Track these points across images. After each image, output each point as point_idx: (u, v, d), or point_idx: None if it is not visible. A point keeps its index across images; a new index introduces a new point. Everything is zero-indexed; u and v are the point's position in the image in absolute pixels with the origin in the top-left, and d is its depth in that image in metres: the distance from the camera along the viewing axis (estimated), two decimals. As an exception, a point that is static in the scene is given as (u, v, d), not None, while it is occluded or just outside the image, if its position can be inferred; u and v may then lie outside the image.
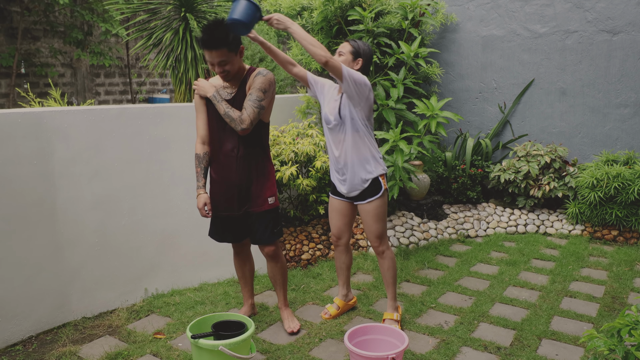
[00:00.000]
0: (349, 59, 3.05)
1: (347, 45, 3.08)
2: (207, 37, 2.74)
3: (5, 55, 7.34)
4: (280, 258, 3.21)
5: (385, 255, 3.21)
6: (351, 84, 2.90)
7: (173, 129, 3.63)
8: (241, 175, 3.00)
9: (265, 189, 3.05)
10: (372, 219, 3.14)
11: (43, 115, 3.10)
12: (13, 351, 3.00)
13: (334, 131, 3.09)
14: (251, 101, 2.87)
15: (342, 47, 3.08)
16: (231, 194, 3.02)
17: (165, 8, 5.55)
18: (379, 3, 5.10)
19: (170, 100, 9.94)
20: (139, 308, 3.52)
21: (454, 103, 6.12)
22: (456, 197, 5.61)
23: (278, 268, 3.22)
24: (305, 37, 2.81)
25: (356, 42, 3.08)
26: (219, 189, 3.06)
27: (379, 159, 3.12)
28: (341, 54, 3.06)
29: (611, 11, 5.31)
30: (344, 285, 3.45)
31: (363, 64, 3.08)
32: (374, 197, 3.10)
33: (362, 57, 3.06)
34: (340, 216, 3.29)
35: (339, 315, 3.42)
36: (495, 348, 3.04)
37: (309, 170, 4.53)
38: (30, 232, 3.08)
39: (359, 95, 2.95)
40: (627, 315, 2.00)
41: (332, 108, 3.09)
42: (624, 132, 5.42)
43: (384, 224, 3.18)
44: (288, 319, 3.27)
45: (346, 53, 3.05)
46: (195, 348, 2.58)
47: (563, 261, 4.40)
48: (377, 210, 3.12)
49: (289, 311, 3.31)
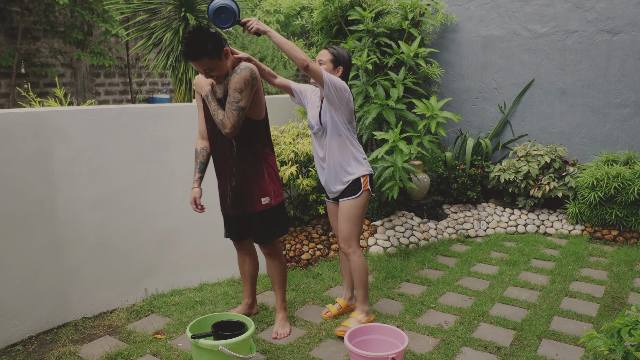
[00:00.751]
0: (329, 68, 3.05)
1: (327, 53, 3.07)
2: (186, 49, 2.66)
3: (5, 55, 7.34)
4: (278, 258, 3.18)
5: (351, 258, 3.14)
6: (332, 88, 2.91)
7: (173, 129, 3.63)
8: (234, 175, 2.98)
9: (256, 189, 2.98)
10: (342, 217, 3.10)
11: (43, 115, 3.10)
12: (13, 351, 3.00)
13: (317, 136, 3.14)
14: (229, 104, 2.79)
15: (322, 54, 3.08)
16: (226, 193, 3.05)
17: (165, 8, 5.55)
18: (379, 3, 5.10)
19: (170, 100, 9.94)
20: (139, 308, 3.52)
21: (454, 103, 6.12)
22: (456, 197, 5.61)
23: (275, 267, 3.18)
24: (284, 42, 2.79)
25: (335, 50, 3.08)
26: (219, 187, 3.10)
27: (361, 160, 3.13)
28: (321, 62, 3.05)
29: (611, 11, 5.31)
30: (348, 289, 3.45)
31: (343, 71, 3.10)
32: (350, 196, 3.09)
33: (342, 65, 3.07)
34: (335, 218, 3.31)
35: (340, 315, 3.42)
36: (495, 348, 3.04)
37: (309, 170, 4.53)
38: (30, 232, 3.08)
39: (340, 100, 2.97)
40: (627, 315, 2.00)
41: (314, 114, 3.13)
42: (624, 132, 5.42)
43: (355, 227, 3.10)
44: (278, 324, 3.21)
45: (326, 62, 3.05)
46: (195, 348, 2.58)
47: (563, 261, 4.40)
48: (350, 210, 3.08)
49: (283, 315, 3.24)
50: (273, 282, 3.23)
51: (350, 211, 3.09)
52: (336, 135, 3.06)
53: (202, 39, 2.66)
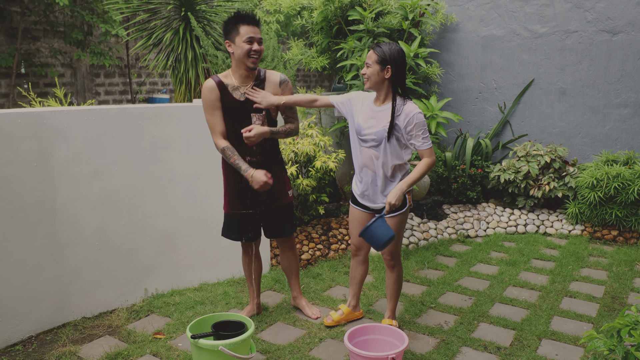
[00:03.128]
0: (376, 70, 2.83)
1: (372, 54, 2.84)
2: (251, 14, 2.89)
3: (5, 55, 7.34)
4: (295, 248, 3.40)
5: (395, 269, 3.14)
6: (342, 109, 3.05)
7: (173, 129, 3.63)
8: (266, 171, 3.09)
9: (285, 183, 3.20)
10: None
11: (43, 115, 3.10)
12: (13, 351, 3.00)
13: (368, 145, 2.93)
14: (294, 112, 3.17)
15: (368, 57, 2.87)
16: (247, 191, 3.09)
17: (165, 8, 5.55)
18: (379, 3, 5.10)
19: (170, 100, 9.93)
20: (138, 308, 3.52)
21: (453, 103, 6.12)
22: (456, 197, 5.61)
23: (294, 257, 3.40)
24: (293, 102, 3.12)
25: (381, 48, 2.83)
26: (238, 187, 3.10)
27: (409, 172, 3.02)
28: (368, 65, 2.85)
29: (611, 11, 5.31)
30: (354, 297, 3.34)
31: (394, 71, 2.83)
32: (399, 211, 2.98)
33: (390, 64, 2.81)
34: (360, 226, 3.10)
35: (341, 322, 3.32)
36: (495, 348, 3.04)
37: (309, 170, 4.53)
38: (30, 232, 3.08)
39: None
40: (627, 316, 2.00)
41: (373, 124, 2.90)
42: (623, 132, 5.42)
43: (401, 240, 3.09)
44: (308, 306, 3.43)
45: (372, 64, 2.84)
46: (195, 348, 2.58)
47: (563, 261, 4.40)
48: (399, 226, 3.01)
49: (306, 299, 3.50)
50: (291, 272, 3.42)
51: (398, 226, 3.00)
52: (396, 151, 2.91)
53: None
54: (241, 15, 2.89)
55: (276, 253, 4.28)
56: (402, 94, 2.92)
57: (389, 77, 2.85)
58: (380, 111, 2.91)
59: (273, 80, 3.08)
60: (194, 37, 5.36)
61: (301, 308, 3.45)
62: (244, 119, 3.01)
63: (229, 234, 3.24)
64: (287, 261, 3.40)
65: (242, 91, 3.00)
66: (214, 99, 2.97)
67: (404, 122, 2.84)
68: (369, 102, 2.98)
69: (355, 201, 3.13)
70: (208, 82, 2.99)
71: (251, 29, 2.89)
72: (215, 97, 2.97)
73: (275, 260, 4.23)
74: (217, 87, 2.97)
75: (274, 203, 3.16)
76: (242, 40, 2.89)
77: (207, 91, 2.97)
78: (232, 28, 2.91)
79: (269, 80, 3.07)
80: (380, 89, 2.90)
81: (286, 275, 3.49)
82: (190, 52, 5.33)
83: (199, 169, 3.75)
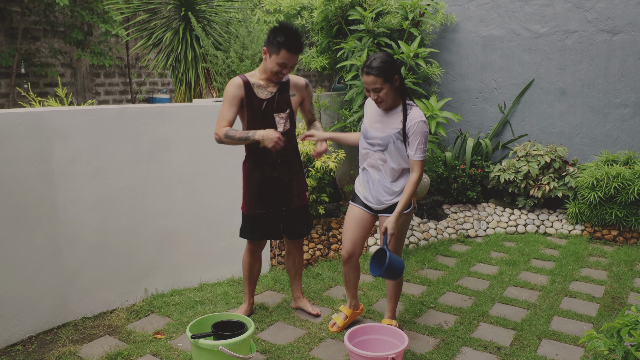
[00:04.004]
0: (387, 88, 2.76)
1: (375, 78, 2.74)
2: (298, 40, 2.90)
3: (5, 55, 7.34)
4: (303, 249, 3.51)
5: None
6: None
7: (173, 129, 3.63)
8: (286, 172, 3.14)
9: (304, 184, 3.26)
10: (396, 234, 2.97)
11: (43, 115, 3.09)
12: (13, 351, 3.00)
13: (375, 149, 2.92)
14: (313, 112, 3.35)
15: (372, 82, 2.76)
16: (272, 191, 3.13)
17: (165, 8, 5.55)
18: (379, 3, 5.10)
19: (170, 100, 9.93)
20: (138, 308, 3.52)
21: (453, 103, 6.12)
22: (456, 197, 5.61)
23: (300, 258, 3.45)
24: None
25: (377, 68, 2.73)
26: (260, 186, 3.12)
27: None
28: (378, 89, 2.76)
29: (611, 11, 5.31)
30: (353, 297, 3.29)
31: (399, 74, 2.81)
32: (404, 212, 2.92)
33: (396, 73, 2.78)
34: (359, 227, 3.04)
35: (347, 326, 3.27)
36: (495, 348, 3.04)
37: (309, 170, 4.53)
38: (30, 232, 3.08)
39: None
40: (627, 315, 2.00)
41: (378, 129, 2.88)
42: (623, 132, 5.42)
43: (402, 241, 3.06)
44: (310, 304, 3.48)
45: (381, 85, 2.75)
46: (195, 348, 2.58)
47: (563, 261, 4.40)
48: (403, 227, 2.98)
49: (307, 300, 3.55)
50: (297, 272, 3.47)
51: (403, 227, 2.98)
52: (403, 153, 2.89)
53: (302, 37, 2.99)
54: (289, 40, 2.85)
55: (276, 253, 4.28)
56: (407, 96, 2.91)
57: (398, 85, 2.83)
58: (387, 116, 2.89)
59: (299, 84, 3.16)
60: (194, 37, 5.36)
61: (303, 307, 3.47)
62: (267, 118, 3.05)
63: (250, 234, 3.22)
64: (292, 262, 3.43)
65: (268, 90, 3.05)
66: (236, 96, 2.99)
67: (407, 126, 2.83)
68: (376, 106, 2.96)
69: (356, 200, 3.09)
70: (236, 79, 3.01)
71: (290, 57, 2.90)
72: (239, 95, 2.99)
73: (276, 260, 4.23)
74: (244, 86, 3.00)
75: (294, 203, 3.19)
76: (276, 62, 2.92)
77: (233, 87, 2.99)
78: (275, 44, 2.88)
79: (294, 84, 3.14)
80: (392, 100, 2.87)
81: (289, 276, 3.49)
82: (190, 52, 5.33)
83: (199, 169, 3.75)
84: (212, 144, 3.75)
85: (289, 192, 3.17)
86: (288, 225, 3.26)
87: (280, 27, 2.90)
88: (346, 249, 3.08)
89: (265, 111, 3.04)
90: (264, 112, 3.04)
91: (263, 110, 3.03)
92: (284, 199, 3.17)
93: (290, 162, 3.15)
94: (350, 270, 3.17)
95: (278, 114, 3.07)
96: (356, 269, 3.19)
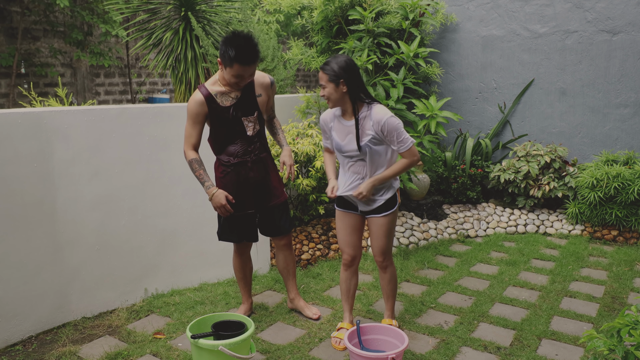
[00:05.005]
0: (332, 88, 2.79)
1: (322, 74, 2.81)
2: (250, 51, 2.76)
3: (5, 55, 7.34)
4: (291, 247, 3.38)
5: (388, 270, 3.11)
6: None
7: (173, 129, 3.63)
8: (259, 171, 3.11)
9: (278, 182, 3.21)
10: (383, 233, 2.99)
11: (43, 115, 3.10)
12: (13, 351, 3.00)
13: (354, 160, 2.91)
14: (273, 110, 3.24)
15: (320, 78, 2.84)
16: (249, 191, 3.10)
17: (165, 8, 5.55)
18: (379, 3, 5.10)
19: (170, 100, 9.94)
20: (138, 308, 3.52)
21: (453, 103, 6.12)
22: (456, 197, 5.61)
23: (291, 256, 3.38)
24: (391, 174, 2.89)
25: (329, 66, 2.79)
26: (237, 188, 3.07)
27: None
28: (323, 86, 2.82)
29: (611, 11, 5.31)
30: (350, 311, 3.24)
31: (348, 81, 2.79)
32: (389, 210, 2.97)
33: (342, 77, 2.77)
34: (354, 231, 3.06)
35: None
36: (495, 348, 3.04)
37: (309, 170, 4.53)
38: (30, 232, 3.08)
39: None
40: (627, 315, 2.00)
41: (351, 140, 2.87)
42: (623, 132, 5.42)
43: (391, 239, 3.07)
44: (307, 307, 3.42)
45: (326, 83, 2.80)
46: (195, 348, 2.58)
47: (563, 261, 4.40)
48: (389, 225, 2.99)
49: (304, 300, 3.47)
50: (289, 272, 3.41)
51: (389, 226, 2.99)
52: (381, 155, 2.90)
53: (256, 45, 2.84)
54: (239, 54, 2.74)
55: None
56: (365, 100, 2.86)
57: (345, 91, 2.80)
58: (352, 125, 2.87)
59: (264, 83, 3.06)
60: (194, 37, 5.36)
61: (300, 310, 3.43)
62: (235, 123, 3.00)
63: (229, 236, 3.21)
64: (283, 261, 3.37)
65: (232, 96, 2.97)
66: (199, 113, 2.94)
67: (378, 128, 2.80)
68: (339, 117, 2.93)
69: (341, 204, 3.06)
70: (196, 95, 2.93)
71: (244, 69, 2.80)
72: (202, 112, 2.94)
73: (275, 260, 4.23)
74: (206, 102, 2.93)
75: (271, 202, 3.17)
76: (232, 75, 2.84)
77: (194, 104, 2.92)
78: (227, 58, 2.78)
79: (260, 83, 3.05)
80: (344, 104, 2.85)
81: (282, 277, 3.46)
82: (190, 52, 5.33)
83: (199, 169, 3.74)
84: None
85: (266, 191, 3.14)
86: (268, 224, 3.23)
87: (231, 38, 2.76)
88: (348, 254, 3.08)
89: (232, 118, 2.98)
90: (231, 118, 2.98)
91: (230, 118, 2.97)
92: (261, 198, 3.14)
93: (263, 161, 3.13)
94: (351, 277, 3.14)
95: (246, 118, 3.01)
96: (356, 275, 3.17)
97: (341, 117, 2.91)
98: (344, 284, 3.16)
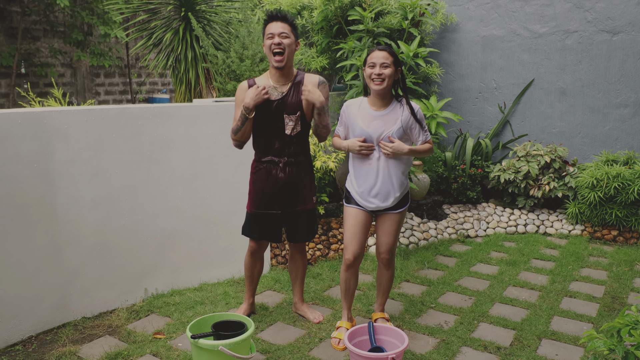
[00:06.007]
0: (393, 71, 2.87)
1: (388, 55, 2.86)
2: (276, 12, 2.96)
3: (5, 55, 7.34)
4: (305, 253, 3.42)
5: (391, 267, 3.14)
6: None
7: (173, 129, 3.63)
8: (292, 174, 3.10)
9: (310, 188, 3.19)
10: (395, 229, 3.03)
11: (43, 115, 3.10)
12: (13, 351, 3.00)
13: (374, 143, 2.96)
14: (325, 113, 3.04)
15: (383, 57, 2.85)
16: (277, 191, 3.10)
17: (165, 8, 5.56)
18: (379, 3, 5.10)
19: (170, 100, 9.94)
20: (138, 308, 3.52)
21: (453, 103, 6.12)
22: (456, 197, 5.61)
23: (304, 262, 3.41)
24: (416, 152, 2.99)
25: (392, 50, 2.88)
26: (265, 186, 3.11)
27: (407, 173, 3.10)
28: (386, 65, 2.84)
29: (611, 11, 5.32)
30: (349, 310, 3.22)
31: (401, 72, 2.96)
32: (400, 208, 3.02)
33: (400, 66, 2.92)
34: (364, 229, 3.04)
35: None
36: (495, 348, 3.04)
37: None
38: (30, 232, 3.08)
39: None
40: (627, 315, 2.00)
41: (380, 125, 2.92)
42: (624, 132, 5.43)
43: (398, 238, 3.12)
44: (310, 311, 3.42)
45: (390, 64, 2.86)
46: (195, 348, 2.58)
47: (563, 261, 4.40)
48: (401, 223, 3.07)
49: (307, 305, 3.50)
50: (297, 276, 3.43)
51: (400, 223, 3.06)
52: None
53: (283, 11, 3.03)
54: (268, 15, 2.97)
55: (276, 253, 4.28)
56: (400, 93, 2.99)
57: (397, 79, 2.93)
58: (384, 114, 2.93)
59: (312, 81, 3.08)
60: (194, 37, 5.37)
61: (302, 314, 3.42)
62: (276, 119, 3.03)
63: (250, 233, 3.23)
64: (295, 265, 3.40)
65: (279, 91, 3.03)
66: (242, 99, 3.05)
67: (409, 117, 2.95)
68: (365, 107, 2.98)
69: (351, 201, 3.05)
70: (242, 83, 3.10)
71: (272, 26, 2.94)
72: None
73: (276, 261, 4.23)
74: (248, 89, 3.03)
75: (298, 206, 3.16)
76: (266, 38, 2.97)
77: (239, 91, 3.09)
78: (263, 28, 3.01)
79: (307, 82, 3.07)
80: (386, 92, 2.92)
81: (291, 279, 3.48)
82: (190, 52, 5.33)
83: (199, 169, 3.75)
84: (212, 144, 3.75)
85: (294, 194, 3.14)
86: (291, 228, 3.24)
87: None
88: (352, 252, 3.04)
89: (274, 113, 3.02)
90: (273, 113, 3.02)
91: (272, 112, 3.02)
92: (289, 201, 3.14)
93: (298, 165, 3.12)
94: (352, 276, 3.13)
95: (288, 116, 3.03)
96: (357, 274, 3.17)
97: (369, 108, 2.98)
98: (344, 283, 3.15)
